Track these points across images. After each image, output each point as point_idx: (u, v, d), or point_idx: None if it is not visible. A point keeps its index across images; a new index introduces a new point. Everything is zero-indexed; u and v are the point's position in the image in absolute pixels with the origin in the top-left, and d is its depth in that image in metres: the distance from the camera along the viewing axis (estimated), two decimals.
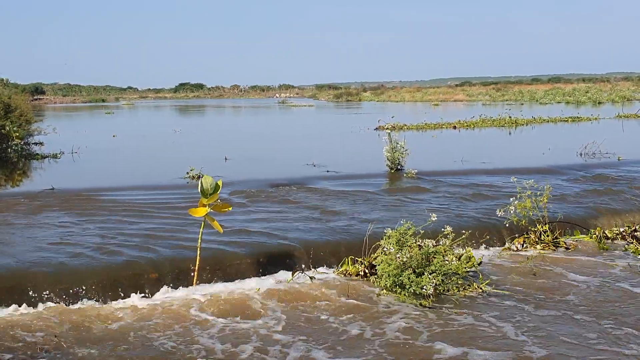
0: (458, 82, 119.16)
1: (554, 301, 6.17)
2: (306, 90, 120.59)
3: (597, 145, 15.55)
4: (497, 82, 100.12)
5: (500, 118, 28.56)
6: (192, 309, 5.92)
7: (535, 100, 54.88)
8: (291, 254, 7.16)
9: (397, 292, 6.25)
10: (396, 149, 12.91)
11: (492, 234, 8.31)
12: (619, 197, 10.18)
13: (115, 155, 17.78)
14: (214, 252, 6.95)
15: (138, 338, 5.31)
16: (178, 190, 10.85)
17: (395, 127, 24.54)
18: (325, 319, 5.75)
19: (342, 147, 19.54)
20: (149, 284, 6.31)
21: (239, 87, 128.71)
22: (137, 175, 13.50)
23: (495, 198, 9.91)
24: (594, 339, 5.24)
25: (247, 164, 15.02)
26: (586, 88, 65.88)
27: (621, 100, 49.07)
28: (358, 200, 9.86)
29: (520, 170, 12.33)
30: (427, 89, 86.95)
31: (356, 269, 6.88)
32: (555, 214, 8.62)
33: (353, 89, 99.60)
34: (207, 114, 51.86)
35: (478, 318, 5.72)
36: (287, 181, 11.56)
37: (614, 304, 6.06)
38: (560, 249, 7.99)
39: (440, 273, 6.30)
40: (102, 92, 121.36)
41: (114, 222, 8.44)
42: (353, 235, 7.74)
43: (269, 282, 6.58)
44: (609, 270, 7.13)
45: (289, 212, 9.08)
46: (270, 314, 5.84)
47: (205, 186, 6.04)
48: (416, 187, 11.05)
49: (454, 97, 65.92)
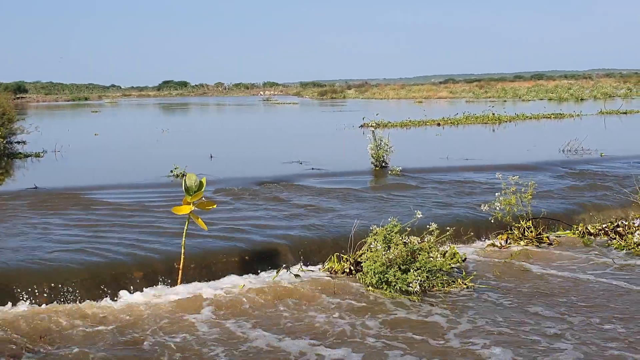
0: (442, 79, 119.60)
1: (536, 296, 6.21)
2: (290, 88, 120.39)
3: (579, 142, 15.67)
4: (481, 79, 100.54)
5: (484, 115, 28.71)
6: (176, 307, 5.88)
7: (518, 98, 55.24)
8: (276, 251, 7.15)
9: (383, 289, 6.27)
10: (380, 146, 12.94)
11: (477, 230, 8.35)
12: (602, 193, 10.27)
13: (99, 154, 17.65)
14: (199, 250, 6.93)
15: (122, 337, 5.27)
16: (162, 189, 10.80)
17: (380, 124, 24.56)
18: (310, 315, 5.74)
19: (327, 145, 19.55)
20: (133, 282, 6.27)
21: (223, 85, 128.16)
22: (120, 174, 13.39)
23: (479, 194, 9.96)
24: (577, 333, 5.29)
25: (232, 162, 14.98)
26: (568, 85, 66.44)
27: (603, 97, 49.48)
28: (343, 197, 9.86)
29: (504, 167, 12.40)
30: (411, 86, 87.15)
31: (342, 266, 6.89)
32: (539, 210, 8.68)
33: (337, 86, 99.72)
34: (192, 112, 51.64)
35: (461, 313, 5.74)
36: (273, 179, 11.54)
37: (596, 299, 6.11)
38: (543, 245, 8.05)
39: (425, 270, 6.32)
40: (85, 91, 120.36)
41: (97, 220, 8.37)
42: (338, 232, 7.74)
43: (254, 280, 6.57)
44: (592, 266, 7.19)
45: (274, 209, 9.07)
46: (255, 312, 5.83)
47: (189, 184, 6.01)
48: (401, 184, 11.08)
49: (438, 95, 66.13)
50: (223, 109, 54.90)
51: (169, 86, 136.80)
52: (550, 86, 66.08)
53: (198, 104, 69.39)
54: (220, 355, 4.96)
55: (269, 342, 5.18)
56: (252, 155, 16.61)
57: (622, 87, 63.69)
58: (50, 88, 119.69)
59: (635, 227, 8.30)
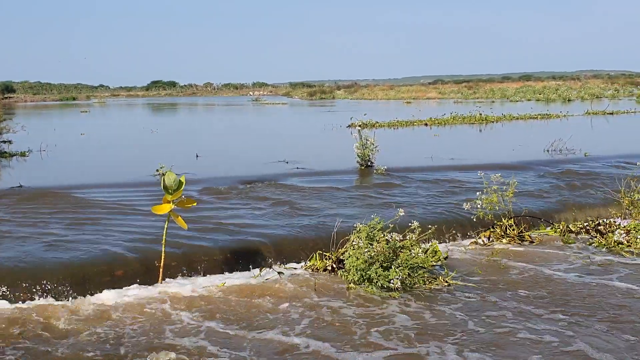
0: (431, 80, 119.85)
1: (517, 294, 6.27)
2: (280, 88, 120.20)
3: (564, 142, 15.79)
4: (469, 80, 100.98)
5: (471, 115, 28.84)
6: (157, 305, 5.90)
7: (506, 98, 55.49)
8: (259, 250, 7.17)
9: (365, 286, 6.31)
10: (366, 145, 12.99)
11: (460, 228, 8.42)
12: (584, 191, 10.36)
13: (85, 154, 17.60)
14: (181, 248, 6.94)
15: (103, 335, 5.28)
16: (147, 188, 10.77)
17: (368, 124, 24.66)
18: (292, 313, 5.77)
19: (314, 145, 19.58)
20: (114, 281, 6.27)
21: (212, 85, 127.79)
22: (106, 173, 13.36)
23: (463, 193, 10.02)
24: (556, 329, 5.35)
25: (218, 162, 14.98)
26: (556, 86, 66.75)
27: (590, 98, 49.83)
28: (327, 196, 9.90)
29: (489, 166, 12.47)
30: (400, 87, 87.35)
31: (324, 264, 6.92)
32: (522, 209, 8.75)
33: (327, 86, 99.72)
34: (180, 112, 51.49)
35: (441, 310, 5.79)
36: (258, 178, 11.55)
37: (576, 297, 6.18)
38: (525, 243, 8.12)
39: (407, 267, 6.37)
40: (73, 91, 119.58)
41: (81, 219, 8.36)
42: (322, 230, 7.78)
43: (237, 278, 6.59)
44: (572, 264, 7.26)
45: (259, 208, 9.09)
46: (237, 311, 5.85)
47: (168, 182, 6.02)
48: (386, 183, 11.12)
49: (427, 95, 66.29)
50: (212, 109, 54.76)
51: (158, 86, 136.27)
52: (538, 87, 66.36)
53: (187, 104, 69.18)
54: (198, 352, 4.98)
55: (250, 340, 5.20)
56: (238, 155, 16.61)
57: (609, 88, 64.12)
58: (38, 88, 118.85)
59: (616, 226, 8.37)
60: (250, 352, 4.98)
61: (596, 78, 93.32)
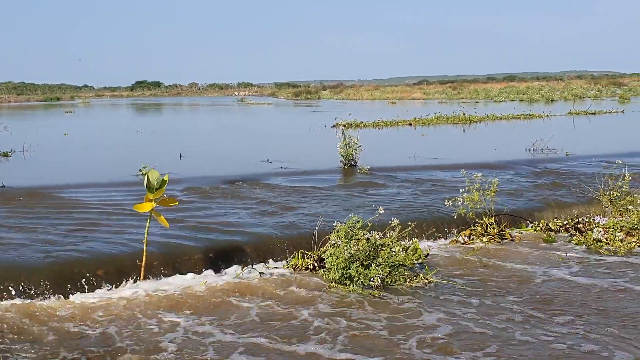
0: (416, 80, 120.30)
1: (496, 291, 6.34)
2: (265, 89, 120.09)
3: (546, 141, 15.93)
4: (454, 80, 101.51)
5: (455, 115, 28.99)
6: (138, 304, 5.91)
7: (490, 98, 55.78)
8: (242, 249, 7.20)
9: (346, 285, 6.35)
10: (350, 145, 13.04)
11: (441, 226, 8.49)
12: (565, 190, 10.48)
13: (68, 154, 17.52)
14: (163, 247, 6.95)
15: (83, 334, 5.29)
16: (130, 188, 10.74)
17: (352, 124, 24.74)
18: (272, 311, 5.80)
19: (299, 144, 19.61)
20: (95, 280, 6.26)
21: (197, 85, 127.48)
22: (89, 173, 13.31)
23: (445, 192, 10.08)
24: (532, 326, 5.42)
25: (202, 161, 14.97)
26: (540, 86, 67.22)
27: (573, 98, 50.25)
28: (310, 196, 9.94)
29: (471, 166, 12.56)
30: (386, 87, 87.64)
31: (305, 263, 6.95)
32: (503, 207, 8.84)
33: (312, 87, 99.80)
34: (165, 112, 51.33)
35: (421, 307, 5.85)
36: (242, 178, 11.57)
37: (554, 293, 6.26)
38: (505, 241, 8.20)
39: (387, 265, 6.42)
40: (57, 91, 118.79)
41: (63, 218, 8.35)
42: (304, 229, 7.81)
43: (218, 277, 6.61)
44: (551, 261, 7.35)
45: (242, 207, 9.11)
46: (218, 309, 5.87)
47: (151, 181, 6.03)
48: (369, 182, 11.18)
49: (412, 96, 66.51)
50: (196, 110, 54.60)
51: (142, 86, 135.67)
52: (521, 87, 66.80)
53: (172, 105, 68.95)
54: (178, 351, 5.00)
55: (227, 339, 5.23)
56: (222, 155, 16.61)
57: (592, 88, 64.66)
58: (22, 88, 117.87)
59: (595, 224, 8.48)
60: (218, 353, 5.01)
61: (579, 79, 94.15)
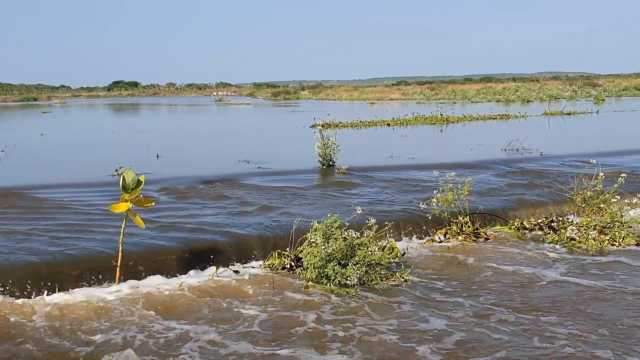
0: (394, 81, 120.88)
1: (470, 288, 6.42)
2: (244, 89, 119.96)
3: (521, 141, 16.11)
4: (432, 81, 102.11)
5: (433, 116, 29.19)
6: (113, 305, 5.88)
7: (467, 99, 56.21)
8: (218, 249, 7.18)
9: (323, 284, 6.38)
10: (328, 145, 13.08)
11: (417, 226, 8.54)
12: (539, 190, 10.60)
13: (45, 154, 17.34)
14: (139, 248, 6.91)
15: (56, 335, 5.25)
16: (106, 188, 10.68)
17: (331, 124, 24.79)
18: (248, 311, 5.81)
19: (277, 145, 19.60)
20: (70, 280, 6.22)
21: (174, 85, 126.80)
22: (66, 173, 13.22)
23: (422, 191, 10.16)
24: (503, 324, 5.50)
25: (179, 162, 14.91)
26: (516, 87, 67.84)
27: (549, 99, 50.86)
28: (288, 195, 9.95)
29: (448, 165, 12.69)
30: (365, 87, 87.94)
31: (282, 262, 6.97)
32: (478, 206, 8.93)
33: (291, 87, 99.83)
34: (142, 112, 50.95)
35: (398, 306, 5.90)
36: (219, 178, 11.54)
37: (527, 290, 6.35)
38: (480, 240, 8.29)
39: (364, 264, 6.47)
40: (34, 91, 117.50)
41: (39, 218, 8.28)
42: (281, 229, 7.82)
43: (194, 277, 6.59)
44: (525, 259, 7.45)
45: (218, 208, 9.10)
46: (194, 309, 5.86)
47: (127, 181, 6.01)
48: (346, 182, 11.22)
49: (390, 96, 66.81)
50: (174, 110, 54.32)
51: (120, 86, 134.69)
52: (498, 88, 67.38)
53: (149, 105, 68.48)
54: (155, 351, 5.00)
55: (202, 339, 5.23)
56: (200, 155, 16.56)
57: (567, 89, 65.45)
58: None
59: (568, 223, 8.61)
60: (193, 351, 5.01)
61: (555, 79, 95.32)
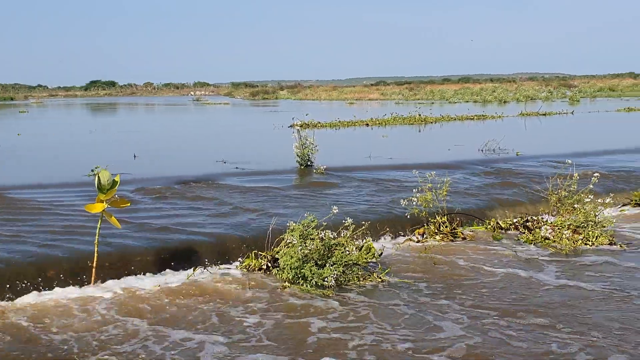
0: (373, 81, 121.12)
1: (447, 288, 6.46)
2: (222, 88, 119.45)
3: (497, 141, 16.26)
4: (411, 82, 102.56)
5: (411, 116, 29.35)
6: (88, 307, 5.82)
7: (445, 100, 56.63)
8: (194, 250, 7.14)
9: (300, 284, 6.37)
10: (306, 145, 13.09)
11: (395, 226, 8.58)
12: (515, 189, 10.69)
13: (20, 154, 17.13)
14: (115, 248, 6.85)
15: (31, 339, 5.19)
16: (82, 188, 10.58)
17: (310, 124, 24.81)
18: (224, 312, 5.79)
19: (255, 145, 19.55)
20: (45, 282, 6.15)
21: (152, 85, 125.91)
22: (41, 173, 13.07)
23: (399, 191, 10.21)
24: (479, 322, 5.54)
25: (156, 162, 14.82)
26: (493, 88, 68.42)
27: (525, 99, 51.41)
28: (265, 196, 9.93)
29: (425, 165, 12.75)
30: (344, 87, 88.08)
31: (259, 263, 6.95)
32: (456, 206, 8.99)
33: (270, 87, 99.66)
34: (119, 112, 50.54)
35: (371, 306, 5.92)
36: (196, 178, 11.49)
37: (502, 289, 6.41)
38: (458, 239, 8.34)
39: (341, 264, 6.47)
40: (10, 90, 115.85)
41: (13, 219, 8.17)
42: (258, 229, 7.79)
43: (170, 279, 6.55)
44: (500, 258, 7.52)
45: (195, 208, 9.05)
46: (169, 311, 5.83)
47: (102, 181, 5.95)
48: (324, 182, 11.24)
49: (369, 96, 67.00)
50: (152, 109, 53.97)
51: (97, 86, 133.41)
52: (475, 89, 67.90)
53: (126, 104, 67.96)
54: (131, 353, 4.96)
55: (175, 339, 5.20)
56: (177, 156, 16.47)
57: (543, 90, 66.16)
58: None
59: (543, 222, 8.70)
60: (172, 352, 4.98)
61: (531, 80, 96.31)
